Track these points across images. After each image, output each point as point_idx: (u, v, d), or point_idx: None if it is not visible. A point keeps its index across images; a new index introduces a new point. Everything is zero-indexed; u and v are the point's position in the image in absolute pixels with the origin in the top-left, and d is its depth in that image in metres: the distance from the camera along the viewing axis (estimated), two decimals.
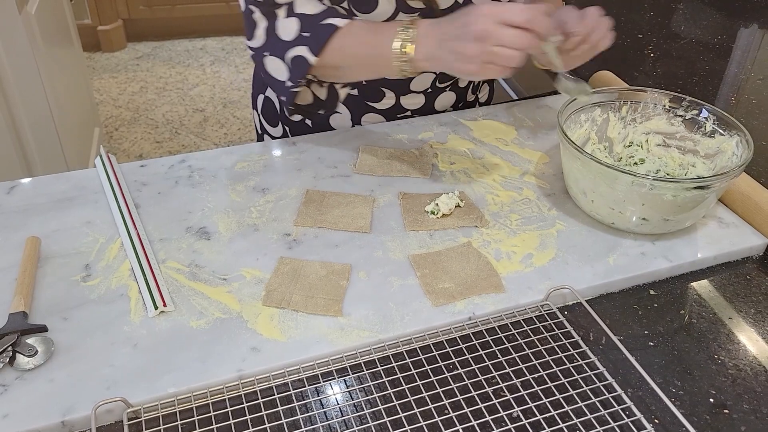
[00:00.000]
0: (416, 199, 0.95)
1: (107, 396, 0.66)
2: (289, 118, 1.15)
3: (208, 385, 0.69)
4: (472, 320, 0.77)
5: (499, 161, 1.03)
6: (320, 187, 0.96)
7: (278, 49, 0.93)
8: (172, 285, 0.80)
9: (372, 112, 1.12)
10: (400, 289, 0.80)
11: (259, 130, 1.25)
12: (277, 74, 0.95)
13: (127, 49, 3.55)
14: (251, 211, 0.92)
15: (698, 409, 0.69)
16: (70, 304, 0.77)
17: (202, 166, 1.00)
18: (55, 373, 0.69)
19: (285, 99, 0.96)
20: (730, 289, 0.84)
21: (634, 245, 0.88)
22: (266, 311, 0.77)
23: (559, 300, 0.81)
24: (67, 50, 2.32)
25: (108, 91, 3.19)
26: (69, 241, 0.85)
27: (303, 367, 0.71)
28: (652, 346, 0.76)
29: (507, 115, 1.14)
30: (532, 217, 0.92)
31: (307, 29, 0.91)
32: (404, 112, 1.13)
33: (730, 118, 0.93)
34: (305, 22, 0.91)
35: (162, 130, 2.93)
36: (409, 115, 1.13)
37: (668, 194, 0.83)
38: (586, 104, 0.97)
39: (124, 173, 0.97)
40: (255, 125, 1.27)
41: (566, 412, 0.68)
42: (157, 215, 0.90)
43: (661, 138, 1.00)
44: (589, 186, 0.89)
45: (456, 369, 0.72)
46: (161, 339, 0.73)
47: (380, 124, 1.11)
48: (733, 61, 1.42)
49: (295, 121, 1.15)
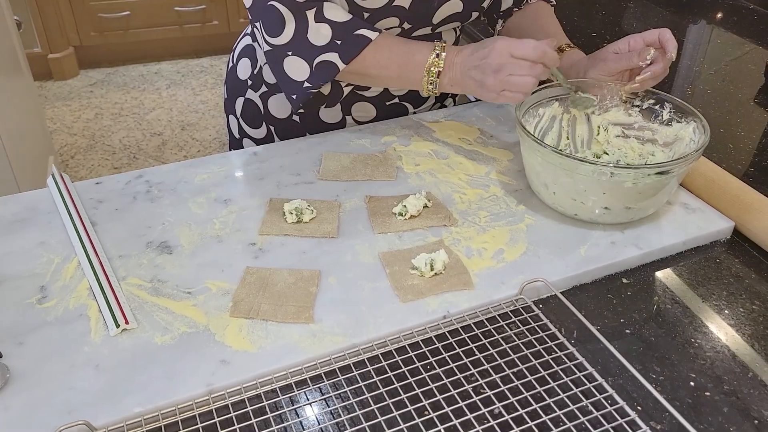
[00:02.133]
0: (383, 201, 0.93)
1: (69, 420, 0.62)
2: (275, 117, 1.14)
3: (176, 402, 0.65)
4: (447, 318, 0.76)
5: (464, 160, 1.02)
6: (284, 195, 0.94)
7: (306, 52, 0.95)
8: (134, 302, 0.76)
9: (362, 100, 1.11)
10: (371, 291, 0.78)
11: (237, 134, 1.22)
12: (296, 75, 0.97)
13: (79, 76, 3.48)
14: (214, 222, 0.89)
15: (680, 394, 0.69)
16: (26, 328, 0.73)
17: (160, 181, 0.97)
18: (11, 400, 0.65)
19: (296, 97, 0.99)
20: (701, 273, 0.84)
21: (604, 235, 0.87)
22: (234, 322, 0.74)
23: (533, 294, 0.80)
24: (16, 79, 2.26)
25: (62, 119, 3.12)
26: (21, 264, 0.81)
27: (275, 377, 0.68)
28: (628, 333, 0.76)
29: (468, 116, 1.14)
30: (500, 213, 0.91)
31: (340, 37, 0.94)
32: (392, 98, 1.12)
33: (686, 106, 0.94)
34: (337, 30, 0.94)
35: (120, 155, 2.87)
36: (397, 102, 1.13)
37: (629, 181, 0.83)
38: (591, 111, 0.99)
39: (78, 192, 0.94)
40: (231, 131, 1.24)
41: (548, 405, 0.66)
42: (116, 232, 0.87)
43: (620, 129, 1.00)
44: (550, 178, 0.88)
45: (434, 369, 0.70)
46: (124, 358, 0.70)
47: (340, 131, 1.10)
48: (686, 55, 1.45)
49: (281, 119, 1.14)
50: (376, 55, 0.96)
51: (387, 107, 1.13)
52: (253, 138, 1.19)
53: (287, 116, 1.13)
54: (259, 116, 1.16)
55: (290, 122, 1.14)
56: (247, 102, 1.16)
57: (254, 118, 1.17)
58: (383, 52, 0.96)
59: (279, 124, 1.15)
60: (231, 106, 1.21)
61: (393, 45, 0.97)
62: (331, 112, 1.11)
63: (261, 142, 1.18)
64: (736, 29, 1.56)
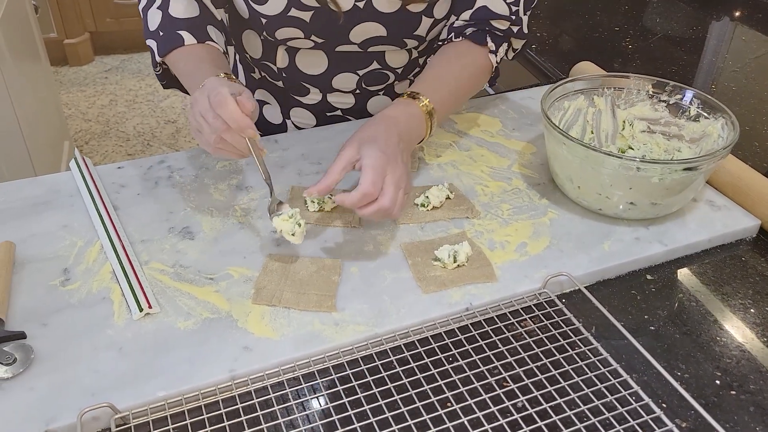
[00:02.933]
0: None
1: (93, 403, 0.62)
2: None
3: (199, 387, 0.65)
4: (470, 311, 0.75)
5: (486, 152, 1.02)
6: (305, 184, 0.94)
7: (145, 32, 0.95)
8: (156, 286, 0.76)
9: (299, 106, 1.09)
10: (393, 282, 0.78)
11: None
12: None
13: (94, 62, 3.48)
14: (235, 209, 0.89)
15: (705, 392, 0.68)
16: (49, 310, 0.73)
17: (181, 167, 0.97)
18: (35, 381, 0.65)
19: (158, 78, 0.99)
20: (726, 271, 0.84)
21: (628, 231, 0.87)
22: (257, 309, 0.74)
23: (556, 288, 0.79)
24: (34, 64, 2.26)
25: (77, 105, 3.12)
26: (45, 246, 0.82)
27: (298, 365, 0.68)
28: (653, 330, 0.75)
29: (491, 108, 1.13)
30: (523, 207, 0.90)
31: (164, 29, 0.93)
32: (334, 110, 1.09)
33: (714, 101, 0.93)
34: (165, 21, 0.93)
35: (134, 142, 2.87)
36: (340, 114, 1.10)
37: (655, 177, 0.82)
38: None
39: (100, 175, 0.94)
40: None
41: (572, 400, 0.66)
42: (138, 216, 0.87)
43: (646, 124, 0.99)
44: (576, 172, 0.88)
45: (456, 360, 0.70)
46: (147, 342, 0.70)
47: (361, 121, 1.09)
48: (709, 51, 1.43)
49: None
50: (179, 62, 0.91)
51: (327, 117, 1.10)
52: None
53: None
54: None
55: None
56: None
57: None
58: (184, 62, 0.91)
59: None
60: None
61: (194, 59, 0.90)
62: (273, 113, 1.10)
63: None
64: (760, 27, 1.54)
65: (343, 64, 1.01)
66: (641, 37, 1.47)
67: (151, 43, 0.94)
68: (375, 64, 1.02)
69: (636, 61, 1.37)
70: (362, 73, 1.03)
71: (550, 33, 1.50)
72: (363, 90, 1.06)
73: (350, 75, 1.03)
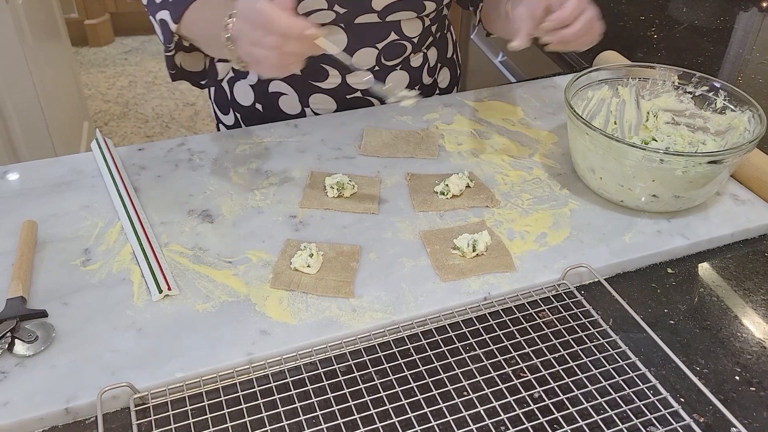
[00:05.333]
0: (424, 179, 0.92)
1: (112, 382, 0.63)
2: (240, 104, 1.11)
3: (217, 369, 0.66)
4: (488, 300, 0.75)
5: (507, 141, 1.01)
6: (324, 169, 0.94)
7: (152, 10, 0.90)
8: (175, 268, 0.77)
9: (318, 92, 1.07)
10: (411, 269, 0.78)
11: (215, 119, 1.22)
12: (160, 37, 0.92)
13: (114, 43, 3.50)
14: (255, 193, 0.89)
15: (724, 387, 0.67)
16: (70, 289, 0.74)
17: (202, 149, 0.97)
18: (56, 359, 0.66)
19: (168, 68, 0.93)
20: (749, 266, 0.82)
21: (650, 223, 0.86)
22: (275, 294, 0.74)
23: (576, 279, 0.78)
24: (55, 44, 2.28)
25: (96, 86, 3.14)
26: (67, 226, 0.82)
27: (315, 350, 0.68)
28: (672, 324, 0.74)
29: (512, 96, 1.12)
30: (543, 197, 0.90)
31: None
32: (354, 92, 1.08)
33: (741, 94, 0.91)
34: None
35: (152, 124, 2.89)
36: (360, 96, 1.09)
37: (679, 169, 0.81)
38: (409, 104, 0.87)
39: (121, 157, 0.94)
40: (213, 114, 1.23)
41: (590, 392, 0.65)
42: (158, 198, 0.87)
43: (670, 115, 0.98)
44: (598, 162, 0.87)
45: (473, 350, 0.70)
46: (166, 323, 0.70)
47: (383, 107, 1.09)
48: (735, 43, 1.41)
49: (245, 107, 1.11)
50: (195, 16, 0.86)
51: (347, 101, 1.09)
52: (225, 124, 1.18)
53: (250, 104, 1.10)
54: (227, 103, 1.14)
55: (253, 110, 1.11)
56: (218, 88, 1.15)
57: (224, 105, 1.15)
58: (201, 14, 0.86)
59: (243, 111, 1.13)
60: (207, 91, 1.19)
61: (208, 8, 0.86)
62: (289, 103, 1.08)
63: (231, 128, 1.16)
64: None
65: (363, 39, 1.01)
66: (667, 27, 1.45)
67: (162, 14, 0.88)
68: (393, 35, 1.02)
69: (661, 51, 1.35)
70: (381, 46, 1.02)
71: None
72: (382, 66, 1.06)
73: (370, 50, 1.03)
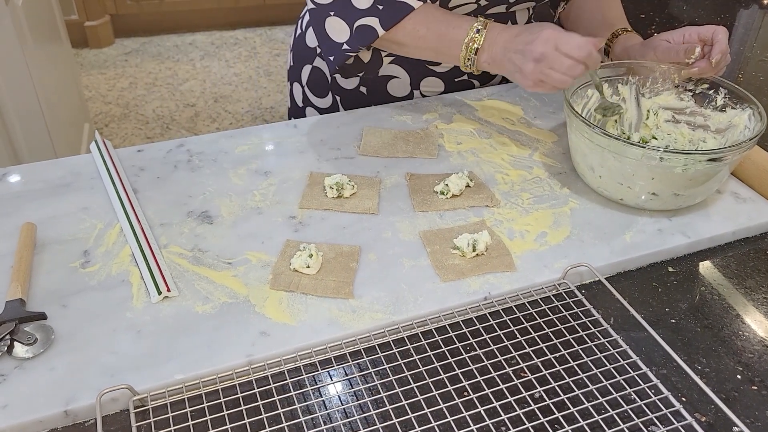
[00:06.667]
0: (424, 179, 0.92)
1: (111, 384, 0.63)
2: (342, 87, 1.12)
3: (216, 371, 0.66)
4: (488, 300, 0.75)
5: (507, 140, 1.00)
6: (324, 170, 0.93)
7: (348, 14, 0.94)
8: (175, 270, 0.77)
9: (431, 75, 1.09)
10: (411, 270, 0.78)
11: (300, 103, 1.21)
12: (336, 36, 0.96)
13: (115, 44, 3.49)
14: (254, 194, 0.89)
15: (726, 386, 0.67)
16: (69, 291, 0.73)
17: (200, 150, 0.97)
18: (55, 361, 0.66)
19: (333, 59, 0.98)
20: (750, 264, 0.82)
21: (650, 222, 0.85)
22: (274, 295, 0.74)
23: (576, 278, 0.78)
24: (55, 45, 2.28)
25: (97, 88, 3.14)
26: (66, 227, 0.82)
27: (315, 351, 0.68)
28: (673, 323, 0.74)
29: (512, 95, 1.12)
30: (543, 196, 0.89)
31: (383, 2, 0.92)
32: (462, 75, 1.10)
33: (742, 91, 0.91)
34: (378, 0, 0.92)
35: (153, 125, 2.88)
36: (466, 79, 1.11)
37: (679, 167, 0.81)
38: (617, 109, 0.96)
39: (120, 158, 0.94)
40: (294, 99, 1.23)
41: (591, 392, 0.65)
42: (157, 200, 0.87)
43: (670, 114, 0.97)
44: (597, 161, 0.86)
45: (474, 350, 0.69)
46: (166, 325, 0.70)
47: (381, 107, 1.08)
48: (736, 40, 1.40)
49: (348, 90, 1.12)
50: (416, 25, 0.94)
51: (456, 83, 1.11)
52: (318, 107, 1.18)
53: (355, 87, 1.12)
54: (326, 85, 1.15)
55: (357, 93, 1.12)
56: (314, 70, 1.15)
57: (320, 87, 1.16)
58: (423, 23, 0.94)
59: (345, 95, 1.13)
60: (296, 73, 1.19)
61: (434, 16, 0.94)
62: (400, 86, 1.10)
63: (325, 112, 1.17)
64: None
65: None
66: (667, 25, 1.44)
67: (370, 20, 0.93)
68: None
69: None
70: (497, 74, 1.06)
71: None
72: None
73: None
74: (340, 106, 1.15)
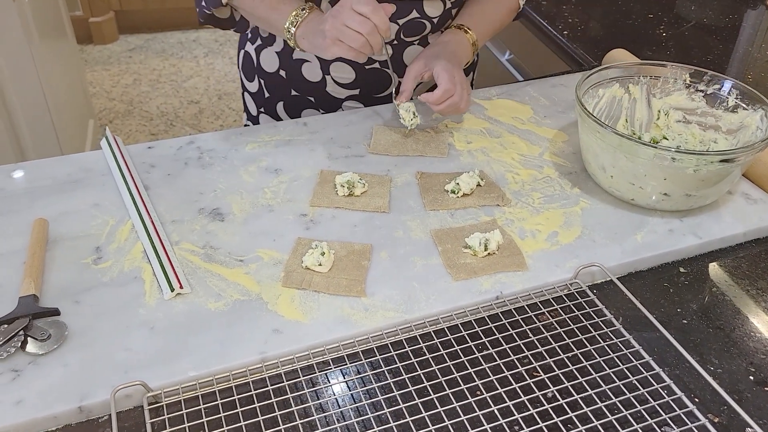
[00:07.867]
0: (435, 178, 0.92)
1: (125, 380, 0.63)
2: (265, 71, 1.14)
3: (230, 368, 0.66)
4: (500, 299, 0.75)
5: (517, 140, 1.00)
6: (334, 168, 0.93)
7: None
8: (187, 267, 0.77)
9: (340, 60, 1.08)
10: (423, 268, 0.78)
11: (242, 88, 1.24)
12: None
13: (119, 41, 3.49)
14: (265, 191, 0.89)
15: (738, 387, 0.67)
16: (82, 287, 0.73)
17: (211, 148, 0.97)
18: (69, 357, 0.66)
19: (198, 11, 1.02)
20: (762, 265, 0.82)
21: (661, 222, 0.85)
22: (286, 292, 0.74)
23: (588, 278, 0.78)
24: (61, 41, 2.27)
25: (101, 84, 3.14)
26: (77, 224, 0.82)
27: (328, 349, 0.68)
28: (685, 323, 0.74)
29: (522, 94, 1.12)
30: (554, 195, 0.89)
31: None
32: (372, 63, 1.09)
33: (754, 92, 0.91)
34: None
35: (157, 122, 2.88)
36: (378, 67, 1.10)
37: (690, 168, 0.81)
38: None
39: (131, 155, 0.94)
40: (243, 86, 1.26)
41: (604, 391, 0.65)
42: (168, 197, 0.87)
43: (681, 114, 0.97)
44: (609, 161, 0.86)
45: (486, 349, 0.69)
46: (179, 321, 0.70)
47: (391, 105, 1.08)
48: (744, 40, 1.40)
49: (269, 73, 1.14)
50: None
51: (366, 71, 1.10)
52: (250, 92, 1.20)
53: (275, 70, 1.13)
54: (252, 69, 1.17)
55: (276, 77, 1.14)
56: (246, 54, 1.18)
57: (249, 71, 1.18)
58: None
59: (267, 78, 1.15)
60: (238, 57, 1.23)
61: None
62: (312, 70, 1.10)
63: (254, 96, 1.19)
64: None
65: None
66: (675, 25, 1.44)
67: None
68: (414, 13, 1.03)
69: (669, 49, 1.34)
70: (402, 22, 1.04)
71: (581, 19, 1.48)
72: (401, 41, 1.07)
73: (392, 25, 1.04)
74: (265, 89, 1.17)
